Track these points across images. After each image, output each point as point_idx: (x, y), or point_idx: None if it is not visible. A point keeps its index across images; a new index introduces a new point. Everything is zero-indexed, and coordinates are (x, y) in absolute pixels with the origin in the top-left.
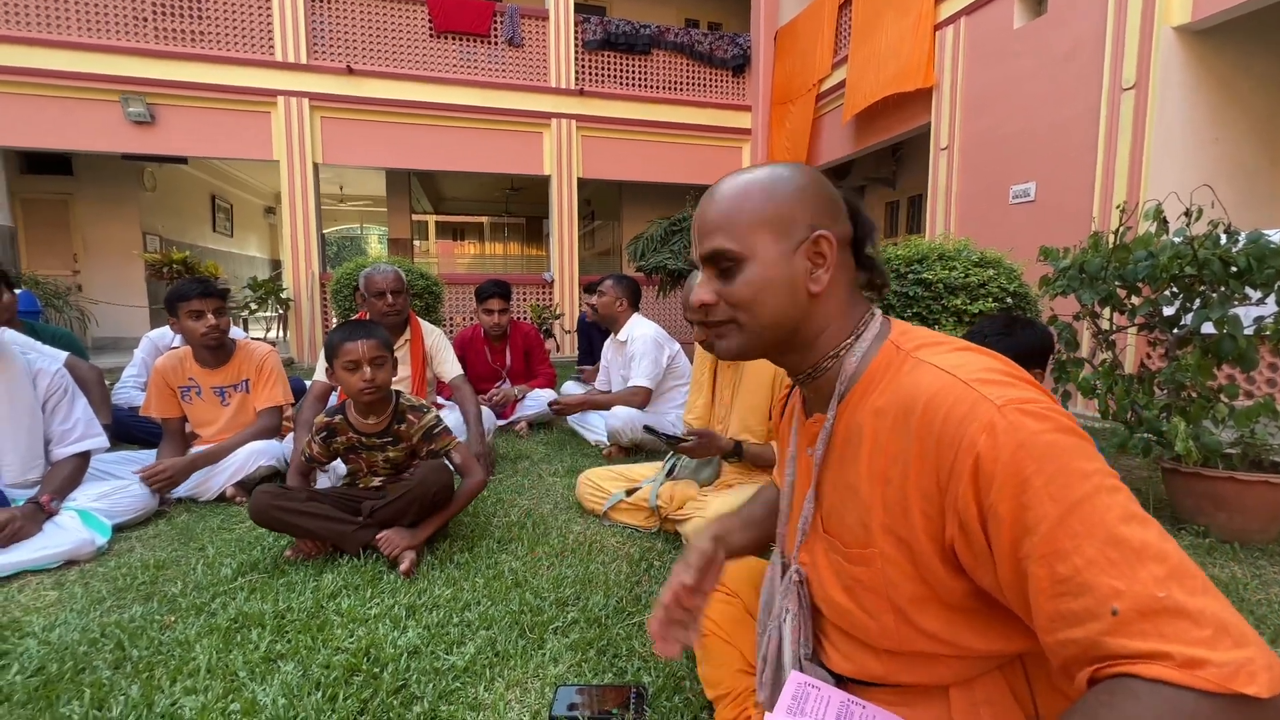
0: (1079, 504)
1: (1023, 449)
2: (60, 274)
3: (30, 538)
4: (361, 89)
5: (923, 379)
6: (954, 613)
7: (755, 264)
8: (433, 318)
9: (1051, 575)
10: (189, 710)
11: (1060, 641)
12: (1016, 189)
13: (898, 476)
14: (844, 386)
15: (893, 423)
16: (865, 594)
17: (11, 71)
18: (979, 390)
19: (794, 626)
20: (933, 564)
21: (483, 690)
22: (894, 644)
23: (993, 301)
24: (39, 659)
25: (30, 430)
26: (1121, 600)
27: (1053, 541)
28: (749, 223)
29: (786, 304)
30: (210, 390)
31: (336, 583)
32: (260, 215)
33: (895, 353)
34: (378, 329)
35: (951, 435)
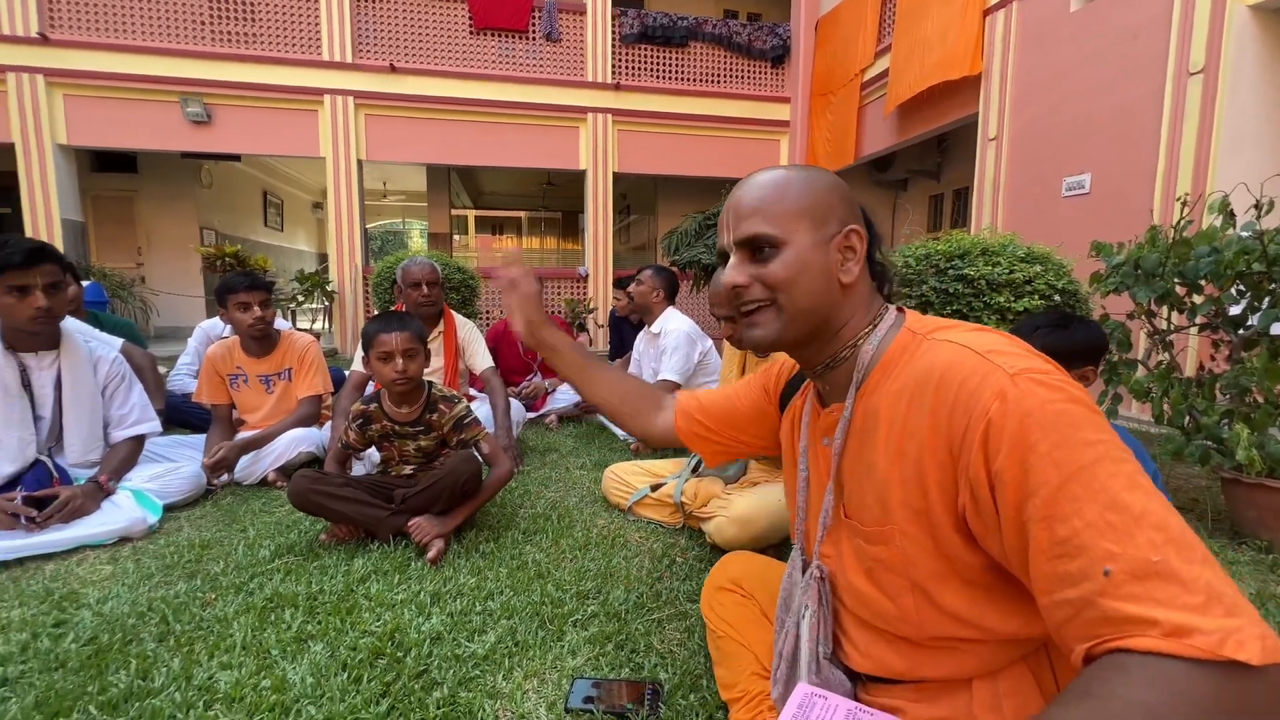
0: (1081, 470)
1: (1030, 416)
2: (125, 266)
3: (89, 515)
4: (404, 86)
5: (939, 354)
6: (975, 589)
7: (793, 249)
8: (469, 310)
9: (1051, 537)
10: (224, 684)
11: (1055, 603)
12: (1070, 181)
13: (914, 450)
14: (861, 374)
15: (910, 398)
16: (885, 575)
17: (84, 75)
18: (992, 360)
19: (813, 624)
20: (950, 537)
21: (501, 679)
22: (914, 628)
23: (1039, 299)
24: (92, 629)
25: (91, 414)
26: (1115, 562)
27: (1053, 505)
28: (789, 210)
29: (821, 290)
30: (256, 378)
31: (366, 568)
32: (308, 210)
33: (911, 338)
34: (412, 321)
35: (965, 403)
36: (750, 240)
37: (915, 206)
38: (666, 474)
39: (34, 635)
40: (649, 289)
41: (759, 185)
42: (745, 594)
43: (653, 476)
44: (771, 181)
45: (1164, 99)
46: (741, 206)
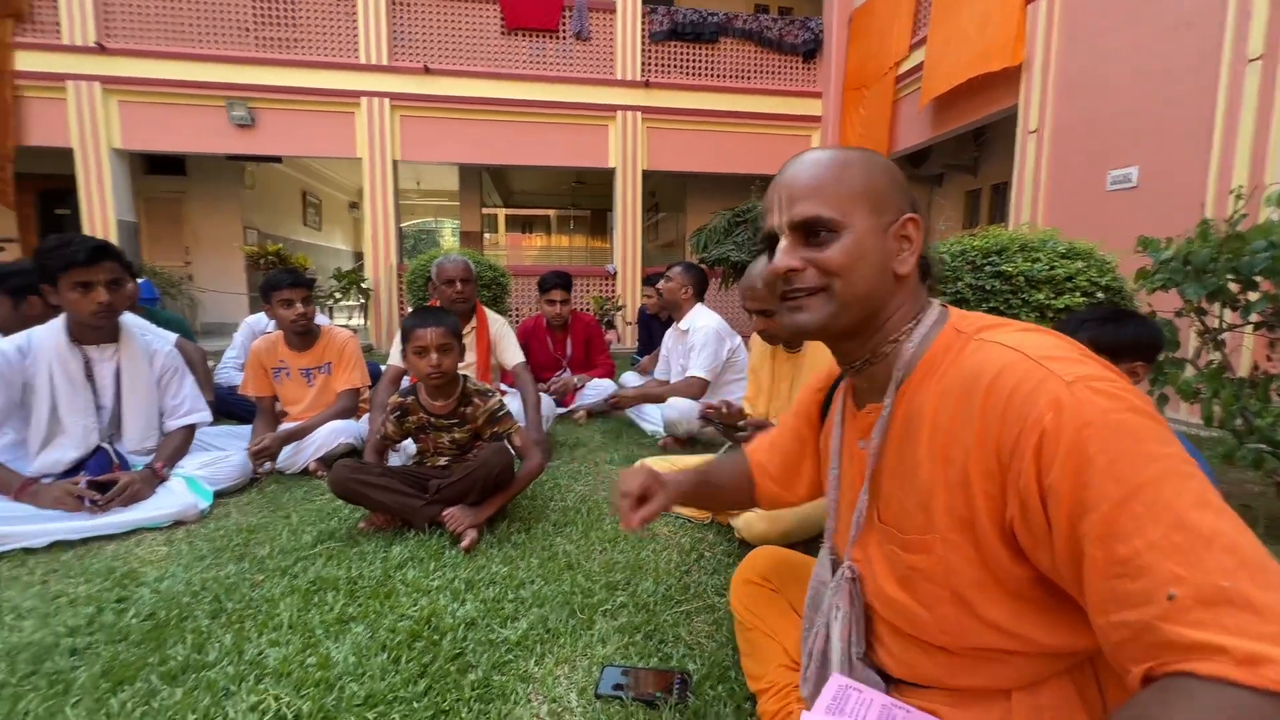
0: (1145, 486)
1: (1089, 427)
2: (174, 265)
3: (146, 499)
4: (437, 87)
5: (988, 356)
6: (1019, 602)
7: (852, 234)
8: (499, 307)
9: (1109, 555)
10: (272, 660)
11: (1112, 623)
12: (1115, 174)
13: (960, 456)
14: (901, 373)
15: (955, 402)
16: (922, 584)
17: (138, 82)
18: (1047, 366)
19: (844, 625)
20: (995, 547)
21: (533, 664)
22: (952, 638)
23: (1081, 296)
24: (151, 605)
25: (148, 403)
26: (1181, 586)
27: (1112, 522)
28: (848, 193)
29: (877, 278)
30: (298, 371)
31: (403, 554)
32: (345, 210)
33: (956, 336)
34: (448, 317)
35: (1016, 411)
36: (806, 223)
37: (951, 202)
38: None
39: (99, 610)
40: (678, 285)
41: (815, 164)
42: (774, 588)
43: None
44: (829, 161)
45: (1219, 87)
46: (796, 186)
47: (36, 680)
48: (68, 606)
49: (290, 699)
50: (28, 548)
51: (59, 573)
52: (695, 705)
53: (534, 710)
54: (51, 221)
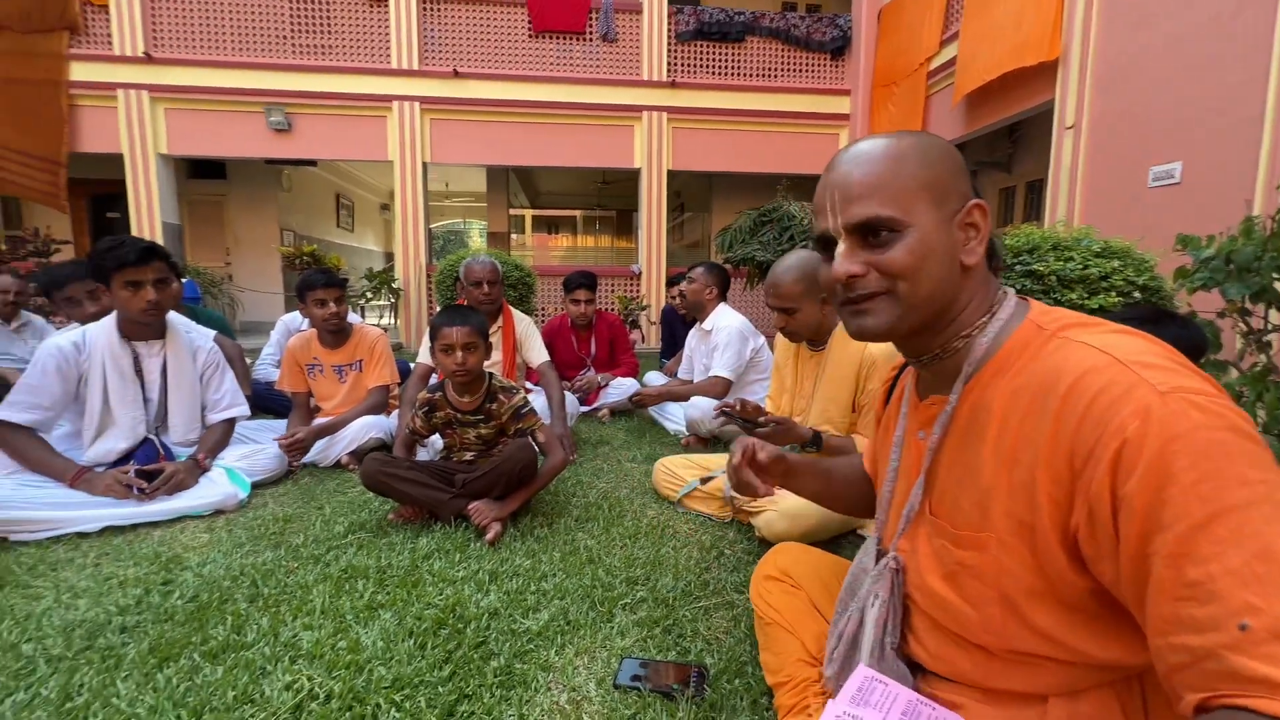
0: (1232, 510)
1: (1178, 440)
2: (215, 265)
3: (189, 489)
4: (466, 91)
5: (1072, 357)
6: (1072, 612)
7: (916, 232)
8: (525, 307)
9: (1179, 577)
10: (306, 642)
11: (1171, 645)
12: (1157, 170)
13: (1028, 458)
14: (971, 368)
15: (1029, 402)
16: (970, 582)
17: (183, 90)
18: (1139, 373)
19: (880, 613)
20: (1055, 555)
21: (554, 654)
22: (995, 639)
23: (1117, 296)
24: (194, 589)
25: (191, 397)
26: (1257, 617)
27: (1189, 543)
28: (908, 187)
29: (944, 276)
30: (331, 368)
31: (430, 546)
32: (377, 212)
33: (1036, 332)
34: (475, 316)
35: (1098, 416)
36: (865, 224)
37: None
38: (717, 468)
39: (146, 591)
40: (702, 286)
41: (869, 159)
42: (794, 584)
43: (702, 470)
44: (884, 153)
45: (1269, 78)
46: (852, 185)
47: (90, 655)
48: (118, 587)
49: (322, 680)
50: (82, 532)
51: (110, 556)
52: (711, 698)
53: (554, 698)
54: (103, 225)
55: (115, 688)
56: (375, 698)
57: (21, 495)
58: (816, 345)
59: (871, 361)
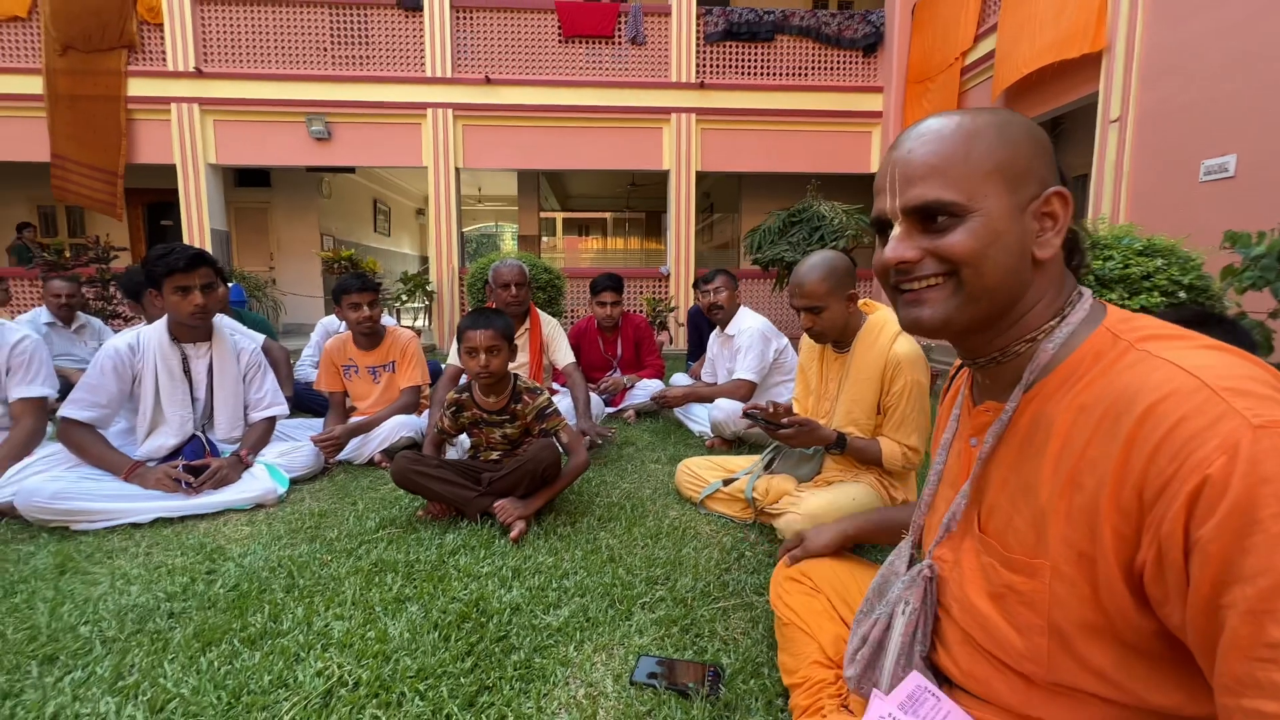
0: None
1: (1268, 485)
2: (260, 270)
3: (233, 484)
4: (498, 96)
5: (1153, 375)
6: (1132, 652)
7: (982, 217)
8: (555, 309)
9: (1259, 636)
10: (337, 631)
11: (1243, 708)
12: (1209, 164)
13: (1092, 484)
14: (1034, 375)
15: (1098, 421)
16: (1019, 607)
17: (230, 102)
18: (1230, 402)
19: (910, 621)
20: (1117, 592)
21: (572, 650)
22: (1040, 669)
23: (1160, 295)
24: (235, 578)
25: (235, 396)
26: None
27: (1274, 599)
28: (978, 169)
29: (1013, 266)
30: (365, 369)
31: (456, 542)
32: (412, 217)
33: (1112, 342)
34: (499, 319)
35: (1178, 447)
36: (925, 207)
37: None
38: (739, 470)
39: (191, 579)
40: (730, 294)
41: (937, 136)
42: (814, 587)
43: (725, 472)
44: (954, 131)
45: None
46: (913, 164)
47: (140, 637)
48: (166, 575)
49: (351, 668)
50: (135, 523)
51: (160, 545)
52: (727, 697)
53: (571, 692)
54: (157, 232)
55: (163, 669)
56: (400, 686)
57: (82, 488)
58: (841, 347)
59: (896, 363)
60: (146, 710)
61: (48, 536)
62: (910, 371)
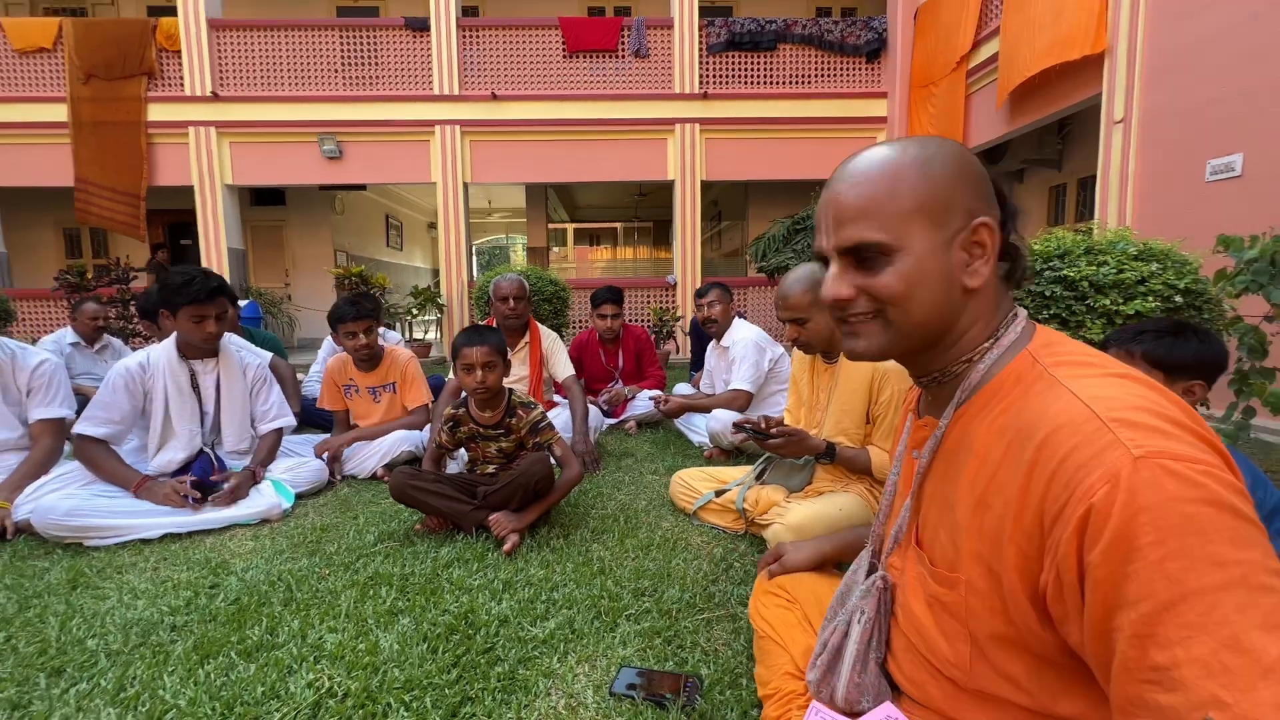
0: (1202, 592)
1: (1145, 514)
2: (276, 286)
3: (243, 498)
4: (504, 112)
5: (1053, 406)
6: (1042, 663)
7: (909, 256)
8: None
9: (1143, 659)
10: (330, 644)
11: None
12: (1215, 164)
13: (999, 505)
14: (964, 395)
15: (1007, 446)
16: (945, 616)
17: (245, 125)
18: (1116, 433)
19: (865, 629)
20: (1023, 608)
21: (556, 661)
22: (964, 676)
23: (1155, 301)
24: (237, 592)
25: (242, 410)
26: (1223, 713)
27: (1155, 623)
28: (901, 209)
29: (940, 300)
30: (366, 390)
31: (451, 555)
32: (424, 231)
33: (1030, 366)
34: (493, 335)
35: (1068, 478)
36: (856, 248)
37: (1034, 198)
38: (732, 481)
39: (195, 594)
40: (725, 308)
41: (865, 177)
42: (790, 599)
43: (718, 483)
44: (879, 171)
45: None
46: (843, 206)
47: (143, 650)
48: (171, 590)
49: (341, 679)
50: (145, 538)
51: (167, 560)
52: (702, 708)
53: (551, 703)
54: (178, 251)
55: (162, 681)
56: (386, 697)
57: (95, 505)
58: (830, 357)
59: (884, 374)
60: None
61: (62, 552)
62: (898, 381)
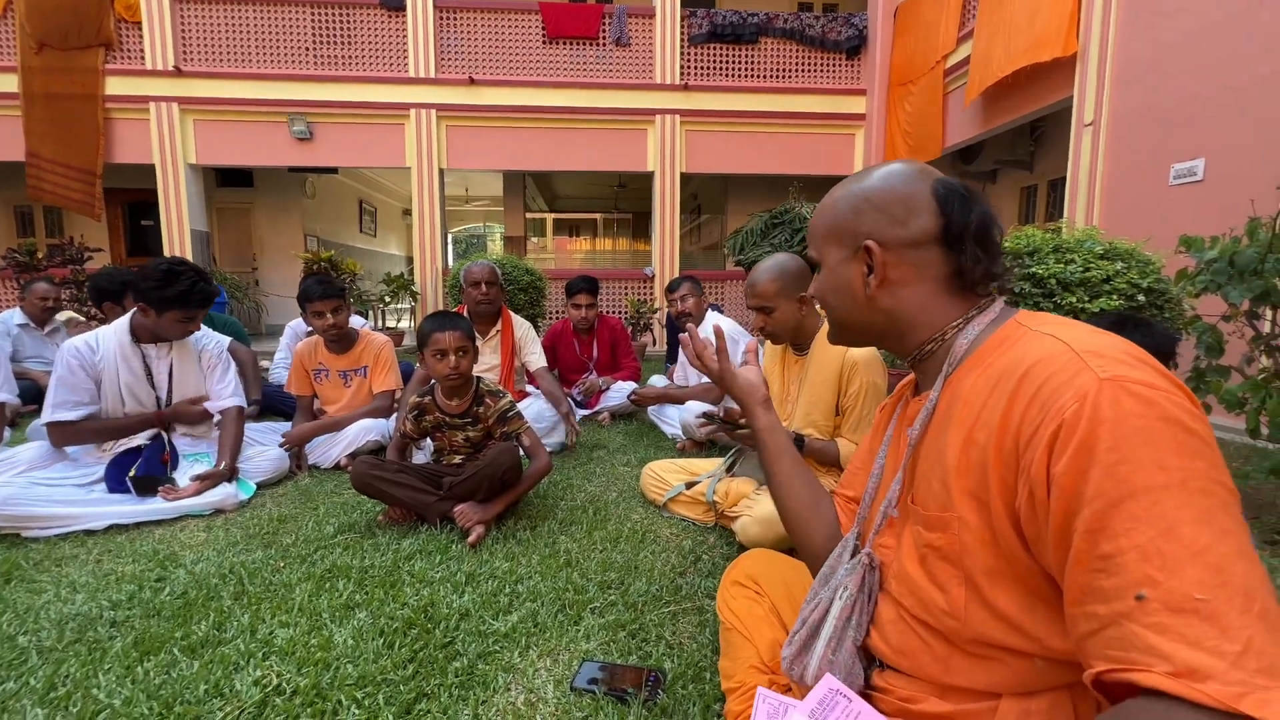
0: (1146, 491)
1: (1104, 425)
2: (242, 271)
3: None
4: (481, 97)
5: (1033, 346)
6: (1030, 596)
7: (824, 269)
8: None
9: (1093, 550)
10: (280, 639)
11: (1083, 614)
12: (1179, 168)
13: (983, 438)
14: (952, 365)
15: (993, 386)
16: (939, 563)
17: (210, 102)
18: (1087, 360)
19: (846, 604)
20: (1008, 534)
21: (517, 655)
22: (961, 624)
23: (1119, 299)
24: (184, 585)
25: (196, 394)
26: (1154, 589)
27: (1105, 518)
28: (821, 234)
29: (848, 306)
30: (336, 373)
31: (413, 547)
32: (399, 217)
33: (1015, 329)
34: (463, 321)
35: (1044, 400)
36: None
37: (1006, 199)
38: (703, 473)
39: (139, 587)
40: (698, 300)
41: (818, 208)
42: (759, 591)
43: (689, 474)
44: (822, 204)
45: None
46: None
47: (78, 647)
48: (114, 583)
49: (291, 676)
50: (89, 529)
51: (112, 552)
52: (664, 702)
53: (510, 699)
54: (138, 232)
55: (97, 679)
56: (337, 694)
57: (32, 493)
58: (800, 349)
59: (853, 364)
60: None
61: None
62: (866, 373)
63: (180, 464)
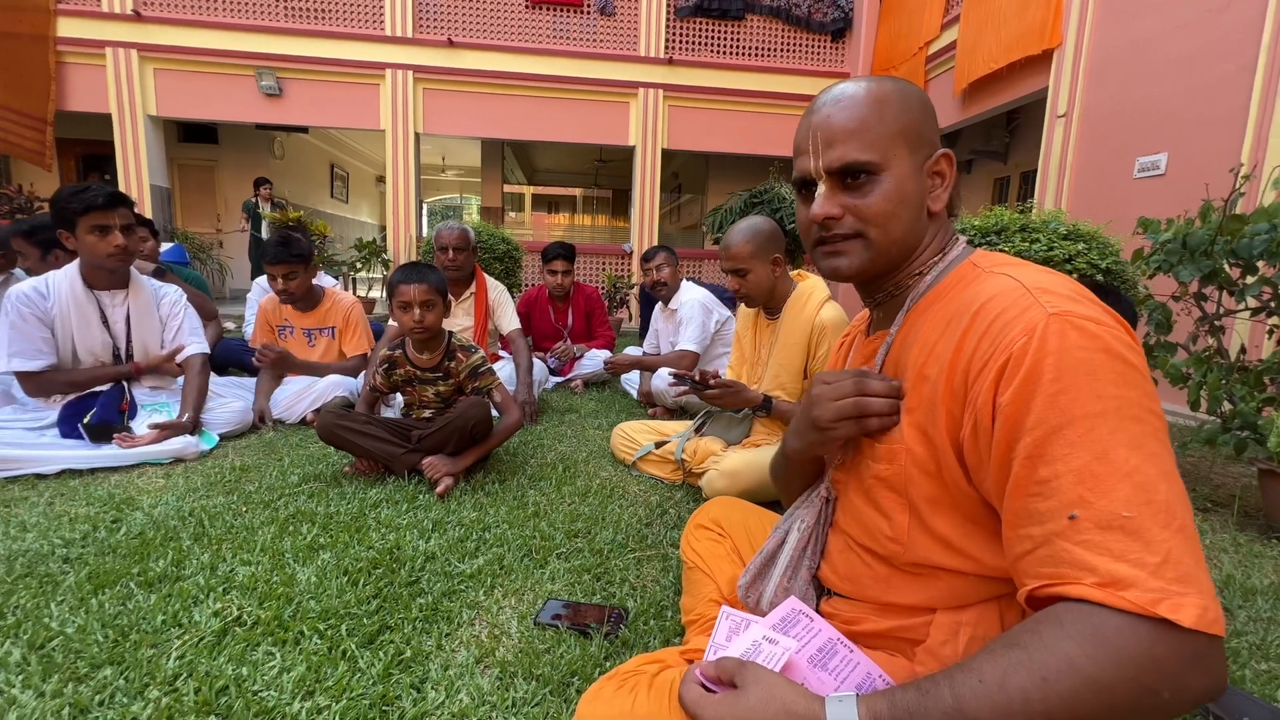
0: (1084, 418)
1: (1049, 357)
2: (205, 232)
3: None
4: (461, 61)
5: (987, 285)
6: (968, 522)
7: (892, 177)
8: (512, 280)
9: (1031, 474)
10: (241, 576)
11: (1019, 536)
12: (1143, 161)
13: (934, 374)
14: (912, 302)
15: (946, 324)
16: (884, 492)
17: (172, 50)
18: (1037, 297)
19: (803, 535)
20: (951, 466)
21: (482, 594)
22: (903, 549)
23: (1079, 279)
24: (141, 526)
25: (155, 344)
26: (1084, 509)
27: (1044, 445)
28: (888, 133)
29: (914, 220)
30: (301, 331)
31: (380, 496)
32: (373, 184)
33: (971, 270)
34: (432, 273)
35: (994, 335)
36: (846, 168)
37: (979, 190)
38: (673, 433)
39: (94, 527)
40: (673, 270)
41: (852, 102)
42: (721, 533)
43: (659, 435)
44: (866, 97)
45: (1256, 71)
46: (833, 127)
47: (29, 581)
48: (67, 524)
49: (251, 609)
50: (40, 473)
51: (65, 496)
52: (626, 636)
53: (475, 632)
54: None
55: (49, 609)
56: (299, 625)
57: None
58: (772, 313)
59: (822, 327)
60: (25, 647)
61: None
62: (834, 336)
63: (139, 413)
